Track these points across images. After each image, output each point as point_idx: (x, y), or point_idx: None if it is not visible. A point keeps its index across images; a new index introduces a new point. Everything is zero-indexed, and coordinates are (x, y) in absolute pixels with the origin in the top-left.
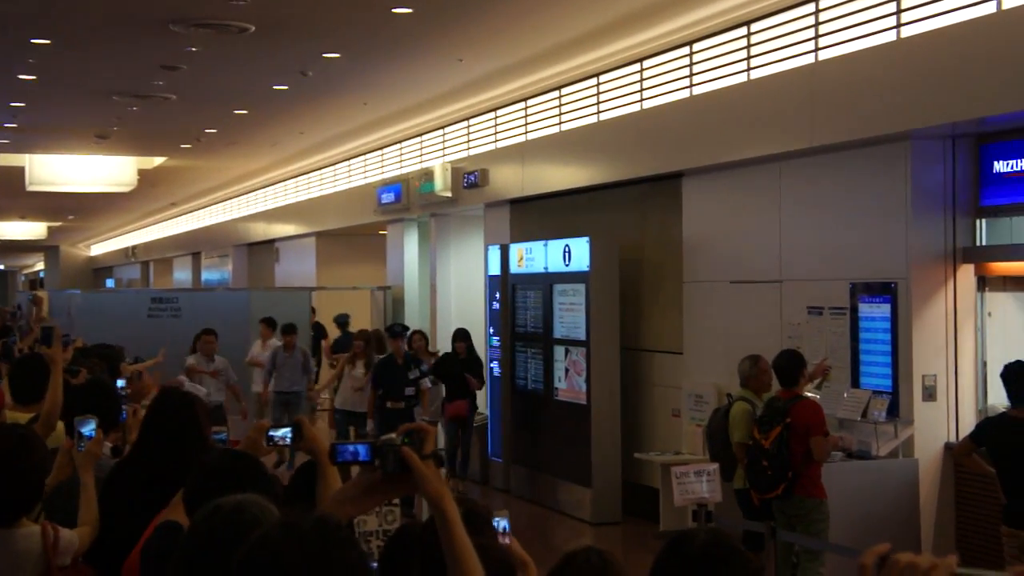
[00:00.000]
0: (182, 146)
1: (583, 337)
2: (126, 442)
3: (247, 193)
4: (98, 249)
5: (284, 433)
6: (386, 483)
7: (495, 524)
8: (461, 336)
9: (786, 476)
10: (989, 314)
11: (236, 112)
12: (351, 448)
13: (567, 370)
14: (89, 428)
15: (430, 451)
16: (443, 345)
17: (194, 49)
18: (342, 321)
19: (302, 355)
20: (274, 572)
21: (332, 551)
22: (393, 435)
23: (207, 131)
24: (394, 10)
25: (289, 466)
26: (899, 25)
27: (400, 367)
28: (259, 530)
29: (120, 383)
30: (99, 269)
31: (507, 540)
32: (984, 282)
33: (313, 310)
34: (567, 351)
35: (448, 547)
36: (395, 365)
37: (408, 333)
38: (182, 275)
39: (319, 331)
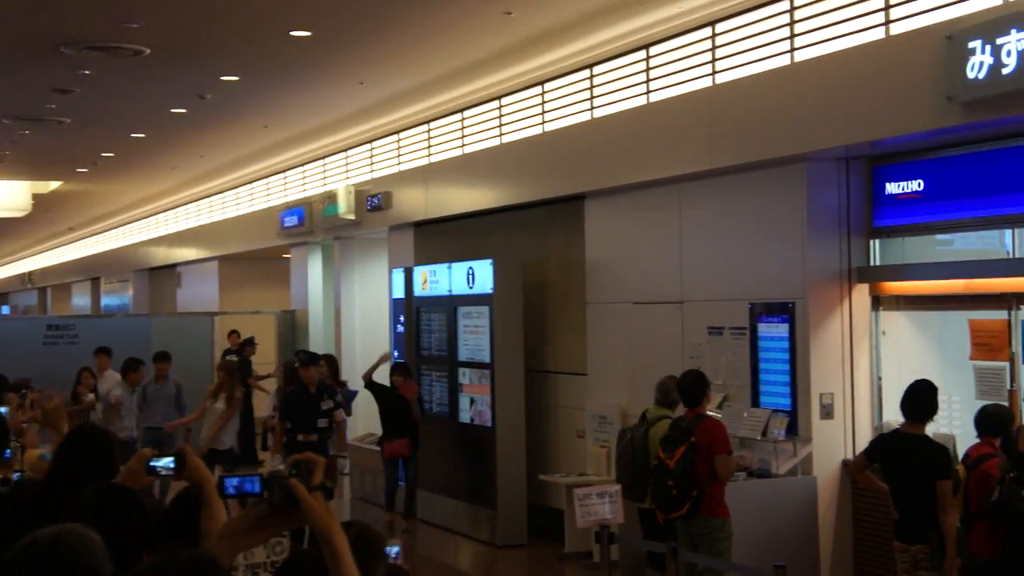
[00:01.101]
0: (78, 170)
1: (487, 359)
2: (22, 470)
3: (148, 217)
4: None
5: (167, 463)
6: (274, 516)
7: (387, 551)
8: (399, 370)
9: (691, 495)
10: (883, 333)
11: (133, 136)
12: (239, 481)
13: (472, 392)
14: None
15: (319, 483)
16: (348, 371)
17: (87, 72)
18: (246, 344)
19: (175, 387)
20: None
21: None
22: (282, 467)
23: (104, 155)
24: (292, 32)
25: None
26: (793, 49)
27: (312, 397)
28: (82, 560)
29: (2, 410)
30: None
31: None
32: (878, 301)
33: (236, 333)
34: (472, 373)
35: None
36: (307, 396)
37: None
38: (81, 301)
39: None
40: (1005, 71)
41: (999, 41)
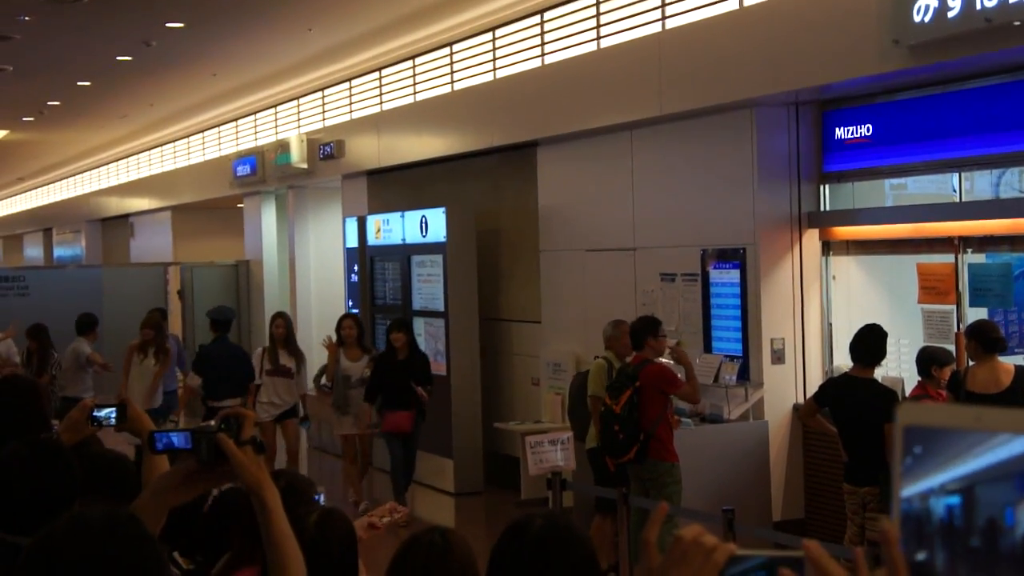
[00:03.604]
0: (24, 119)
1: (441, 308)
2: None
3: (99, 167)
4: None
5: (108, 413)
6: (204, 472)
7: (316, 498)
8: (397, 326)
9: (638, 439)
10: (834, 277)
11: (79, 84)
12: (168, 436)
13: (426, 342)
14: None
15: (248, 437)
16: (304, 325)
17: (27, 18)
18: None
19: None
20: (52, 573)
21: (119, 550)
22: (211, 422)
23: (50, 103)
24: None
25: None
26: None
27: None
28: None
29: None
30: None
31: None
32: (828, 246)
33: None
34: (426, 322)
35: (267, 535)
36: None
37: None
38: (33, 252)
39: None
40: (951, 14)
41: None
